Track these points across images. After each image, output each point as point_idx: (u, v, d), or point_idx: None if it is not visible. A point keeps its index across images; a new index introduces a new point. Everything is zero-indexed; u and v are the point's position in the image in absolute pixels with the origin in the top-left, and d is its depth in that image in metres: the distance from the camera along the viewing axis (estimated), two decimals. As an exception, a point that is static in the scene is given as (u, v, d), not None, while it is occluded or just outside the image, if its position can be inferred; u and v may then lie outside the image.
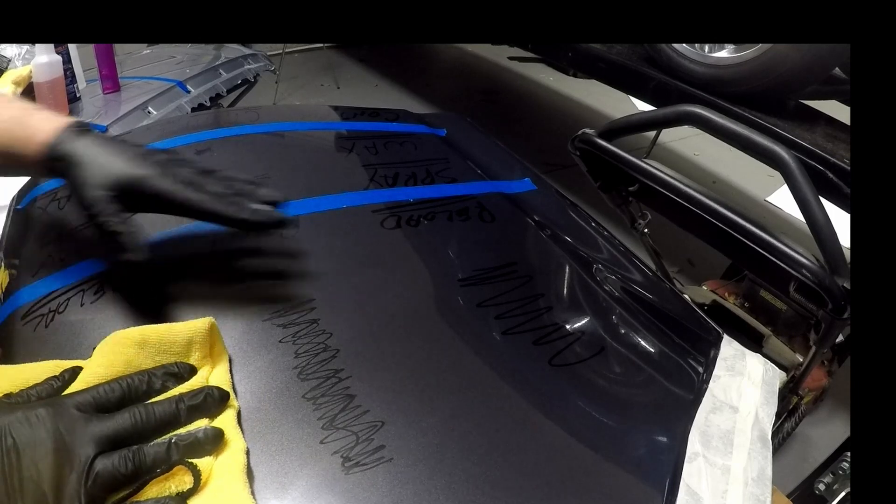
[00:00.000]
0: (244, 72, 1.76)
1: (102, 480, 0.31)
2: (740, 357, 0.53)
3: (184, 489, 0.32)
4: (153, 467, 0.32)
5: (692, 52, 1.24)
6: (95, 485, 0.31)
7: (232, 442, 0.35)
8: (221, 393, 0.37)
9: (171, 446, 0.33)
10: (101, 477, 0.31)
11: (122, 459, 0.32)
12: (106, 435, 0.33)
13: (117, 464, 0.32)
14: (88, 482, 0.31)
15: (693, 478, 0.39)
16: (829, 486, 0.64)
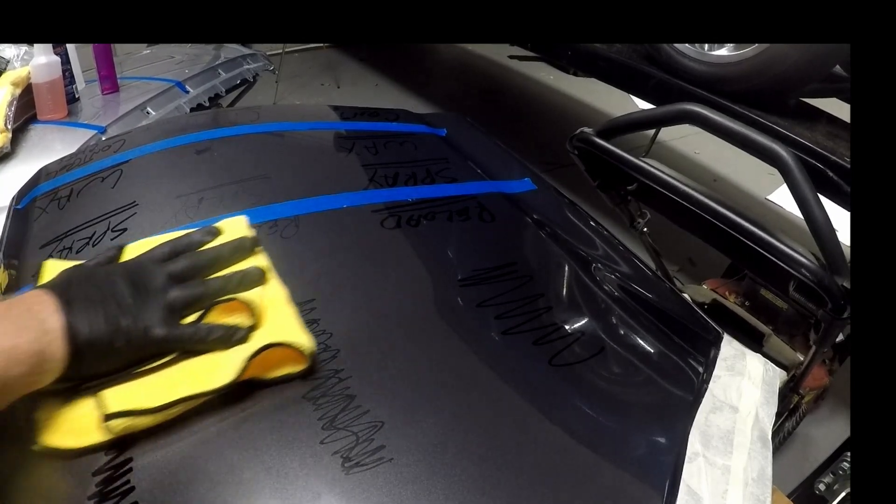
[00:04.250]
0: (243, 72, 1.76)
1: (174, 305, 0.40)
2: (740, 357, 0.53)
3: (246, 324, 0.40)
4: (214, 295, 0.42)
5: (692, 51, 1.24)
6: (171, 309, 0.40)
7: (271, 280, 0.43)
8: (252, 240, 0.46)
9: (225, 279, 0.43)
10: (174, 302, 0.41)
11: (188, 288, 0.42)
12: (173, 272, 0.42)
13: (185, 292, 0.41)
14: (164, 307, 0.40)
15: (693, 478, 0.39)
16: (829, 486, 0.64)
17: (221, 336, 0.40)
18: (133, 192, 0.64)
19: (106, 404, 0.37)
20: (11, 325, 0.36)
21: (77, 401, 0.38)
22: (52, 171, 0.74)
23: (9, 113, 1.12)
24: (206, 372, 0.39)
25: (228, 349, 0.39)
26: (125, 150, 0.74)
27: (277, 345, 0.39)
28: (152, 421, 0.37)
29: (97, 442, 0.36)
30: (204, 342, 0.40)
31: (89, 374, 0.39)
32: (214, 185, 0.64)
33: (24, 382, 0.36)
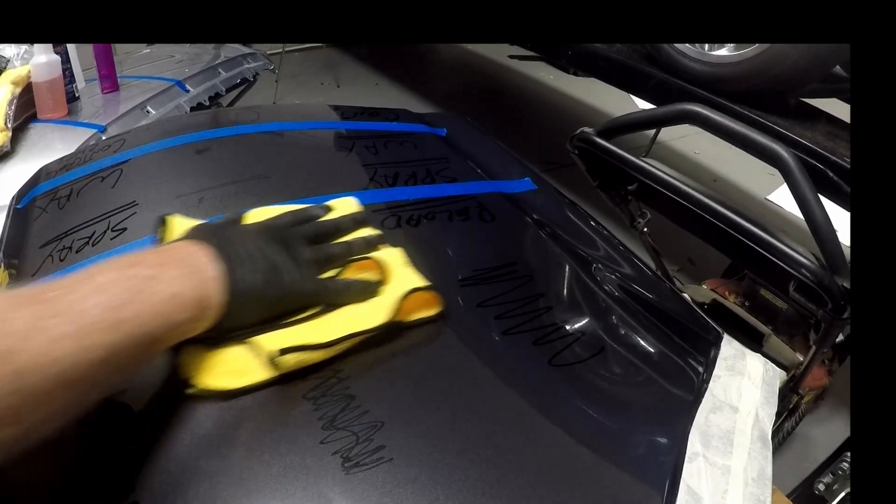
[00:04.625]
0: (243, 71, 1.76)
1: (316, 261, 0.45)
2: (740, 357, 0.53)
3: (375, 279, 0.45)
4: (345, 255, 0.47)
5: (692, 51, 1.24)
6: (312, 265, 0.44)
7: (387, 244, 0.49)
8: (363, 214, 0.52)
9: (352, 242, 0.48)
10: (316, 259, 0.45)
11: (320, 249, 0.46)
12: (306, 234, 0.47)
13: (323, 251, 0.46)
14: (308, 264, 0.44)
15: (693, 478, 0.39)
16: (829, 486, 0.64)
17: (360, 289, 0.45)
18: (133, 191, 0.64)
19: (268, 345, 0.39)
20: (174, 272, 0.37)
21: (226, 347, 0.40)
22: (52, 171, 0.74)
23: (9, 112, 1.12)
24: (357, 317, 0.43)
25: (365, 301, 0.44)
26: (125, 150, 0.74)
27: (415, 291, 0.45)
28: (321, 356, 0.40)
29: (256, 381, 0.39)
30: (345, 294, 0.44)
31: (237, 324, 0.41)
32: (214, 184, 0.64)
33: (185, 329, 0.38)
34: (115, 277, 0.36)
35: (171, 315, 0.36)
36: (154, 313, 0.35)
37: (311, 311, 0.43)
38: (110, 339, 0.33)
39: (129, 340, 0.34)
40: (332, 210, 0.51)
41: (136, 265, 0.37)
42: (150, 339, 0.36)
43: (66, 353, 0.31)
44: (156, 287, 0.36)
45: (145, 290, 0.36)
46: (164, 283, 0.37)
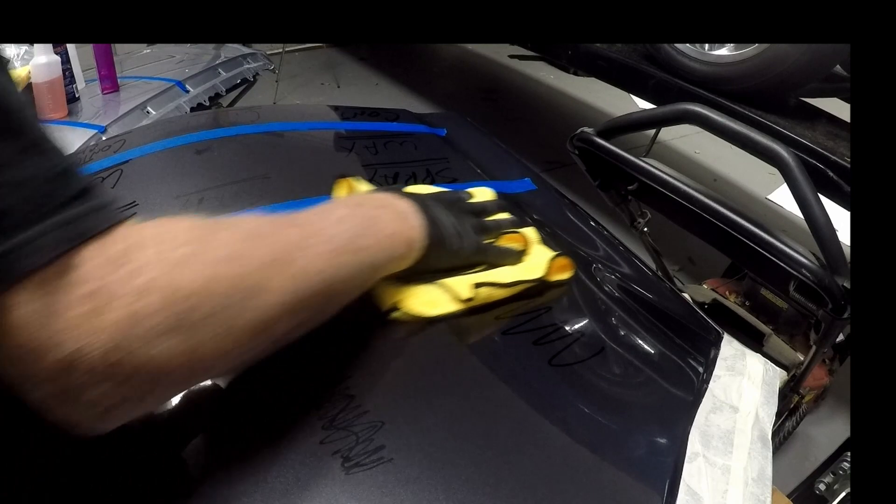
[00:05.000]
0: (243, 71, 1.76)
1: (483, 228, 0.53)
2: (740, 357, 0.53)
3: (520, 247, 0.54)
4: (496, 229, 0.54)
5: (692, 50, 1.24)
6: (475, 232, 0.51)
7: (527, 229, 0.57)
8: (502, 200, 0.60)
9: (499, 220, 0.56)
10: (484, 226, 0.53)
11: (481, 222, 0.54)
12: (469, 209, 0.54)
13: (480, 224, 0.53)
14: (477, 229, 0.52)
15: (693, 478, 0.39)
16: (829, 485, 0.64)
17: (513, 254, 0.53)
18: (133, 191, 0.64)
19: (456, 285, 0.48)
20: (390, 215, 0.45)
21: (421, 285, 0.48)
22: (52, 171, 0.74)
23: (9, 113, 1.12)
24: (517, 272, 0.52)
25: (516, 265, 0.53)
26: (125, 150, 0.74)
27: (556, 257, 0.54)
28: (503, 293, 0.50)
29: (445, 312, 0.47)
30: (504, 257, 0.52)
31: (428, 268, 0.48)
32: (214, 185, 0.64)
33: (396, 263, 0.45)
34: (349, 213, 0.42)
35: (391, 249, 0.43)
36: (381, 246, 0.42)
37: (478, 269, 0.52)
38: (353, 261, 0.40)
39: (365, 265, 0.41)
40: (473, 196, 0.59)
41: (362, 205, 0.45)
42: (376, 267, 0.43)
43: (325, 268, 0.37)
44: (380, 224, 0.43)
45: (372, 227, 0.42)
46: (384, 222, 0.43)
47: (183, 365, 0.29)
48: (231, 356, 0.32)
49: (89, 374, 0.27)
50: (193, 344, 0.29)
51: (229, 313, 0.31)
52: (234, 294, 0.31)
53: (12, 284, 0.26)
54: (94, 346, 0.26)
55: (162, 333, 0.28)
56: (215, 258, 0.31)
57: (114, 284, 0.27)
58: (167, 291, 0.28)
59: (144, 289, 0.28)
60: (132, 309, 0.27)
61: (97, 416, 0.29)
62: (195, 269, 0.30)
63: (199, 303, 0.29)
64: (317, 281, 0.36)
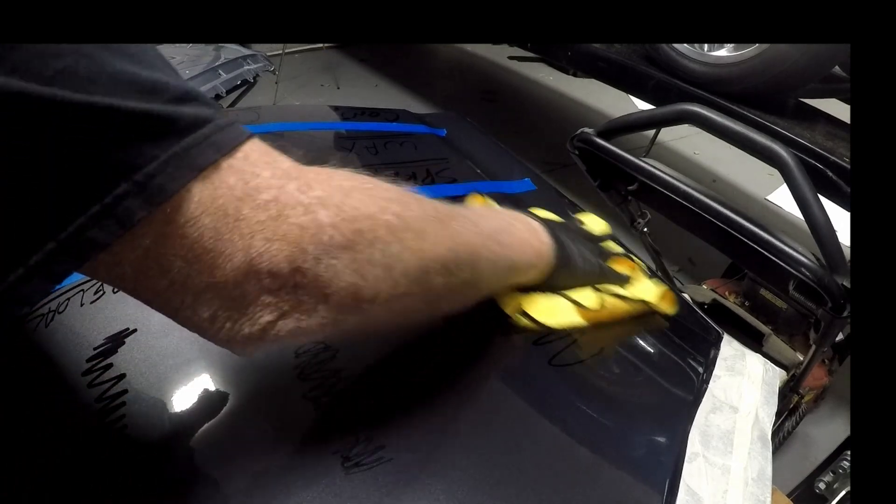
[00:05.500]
0: (244, 72, 1.76)
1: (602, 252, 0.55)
2: (740, 357, 0.53)
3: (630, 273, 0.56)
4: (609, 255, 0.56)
5: (691, 51, 1.24)
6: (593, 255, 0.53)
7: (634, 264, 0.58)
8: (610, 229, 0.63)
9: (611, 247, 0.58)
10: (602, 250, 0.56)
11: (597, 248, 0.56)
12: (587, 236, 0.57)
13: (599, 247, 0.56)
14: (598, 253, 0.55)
15: (693, 478, 0.39)
16: (829, 485, 0.64)
17: (624, 277, 0.55)
18: (133, 192, 0.64)
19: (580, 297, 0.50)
20: (524, 226, 0.46)
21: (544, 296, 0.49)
22: (53, 172, 0.74)
23: (9, 113, 1.12)
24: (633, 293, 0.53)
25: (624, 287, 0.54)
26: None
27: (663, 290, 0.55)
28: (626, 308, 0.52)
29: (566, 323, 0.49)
30: (620, 281, 0.54)
31: (553, 284, 0.49)
32: (214, 185, 0.64)
33: (528, 272, 0.46)
34: (490, 214, 0.46)
35: (526, 254, 0.44)
36: (519, 247, 0.44)
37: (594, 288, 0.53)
38: (497, 251, 0.41)
39: (504, 260, 0.42)
40: (584, 223, 0.62)
41: (499, 213, 0.48)
42: (514, 268, 0.44)
43: (476, 245, 0.38)
44: (516, 230, 0.45)
45: (510, 230, 0.44)
46: (519, 230, 0.45)
47: (347, 288, 0.29)
48: (392, 297, 0.32)
49: (271, 277, 0.27)
50: (359, 268, 0.29)
51: (394, 249, 0.31)
52: (399, 231, 0.31)
53: (189, 181, 0.25)
54: (279, 250, 0.26)
55: (333, 248, 0.28)
56: (383, 196, 0.31)
57: (289, 194, 0.27)
58: (338, 211, 0.28)
59: (318, 202, 0.28)
60: (308, 219, 0.27)
61: (261, 330, 0.28)
62: (363, 199, 0.30)
63: (368, 228, 0.29)
64: (469, 251, 0.37)
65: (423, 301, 0.35)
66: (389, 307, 0.33)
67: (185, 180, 0.25)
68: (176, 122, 0.25)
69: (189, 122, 0.25)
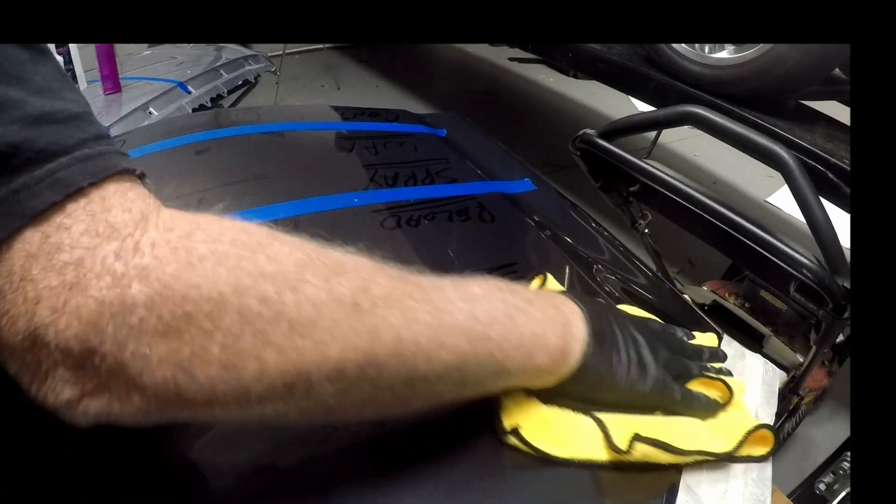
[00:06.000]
0: (245, 72, 1.76)
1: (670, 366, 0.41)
2: (740, 357, 0.53)
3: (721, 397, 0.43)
4: (697, 373, 0.43)
5: (692, 53, 1.24)
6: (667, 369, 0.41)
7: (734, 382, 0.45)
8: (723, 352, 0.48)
9: (704, 364, 0.45)
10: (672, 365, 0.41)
11: (681, 361, 0.43)
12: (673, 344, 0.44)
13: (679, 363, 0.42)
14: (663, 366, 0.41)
15: (693, 478, 0.39)
16: (829, 485, 0.64)
17: (707, 404, 0.41)
18: (134, 191, 0.64)
19: (615, 427, 0.38)
20: (544, 314, 0.35)
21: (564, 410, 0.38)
22: (53, 171, 0.74)
23: (10, 113, 1.12)
24: (703, 435, 0.40)
25: (704, 421, 0.41)
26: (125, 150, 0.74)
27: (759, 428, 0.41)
28: (667, 459, 0.38)
29: (582, 458, 0.37)
30: (694, 406, 0.41)
31: (577, 394, 0.38)
32: (214, 185, 0.64)
33: (534, 375, 0.35)
34: (488, 294, 0.34)
35: (530, 353, 0.34)
36: (516, 344, 0.33)
37: (651, 413, 0.40)
38: (464, 348, 0.30)
39: (481, 360, 0.31)
40: (695, 337, 0.50)
41: (510, 292, 0.35)
42: (498, 369, 0.33)
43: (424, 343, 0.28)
44: (523, 319, 0.34)
45: (513, 318, 0.33)
46: (532, 319, 0.34)
47: (165, 385, 0.23)
48: (239, 399, 0.24)
49: (61, 353, 0.22)
50: (182, 362, 0.23)
51: (245, 344, 0.24)
52: (261, 320, 0.24)
53: (10, 234, 0.21)
54: (67, 326, 0.22)
55: (144, 334, 0.22)
56: (255, 270, 0.24)
57: (99, 258, 0.22)
58: (163, 287, 0.22)
59: (139, 273, 0.22)
60: (114, 294, 0.22)
61: (65, 404, 0.23)
62: (216, 272, 0.23)
63: (204, 314, 0.23)
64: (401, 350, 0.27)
65: (306, 407, 0.26)
66: (245, 412, 0.25)
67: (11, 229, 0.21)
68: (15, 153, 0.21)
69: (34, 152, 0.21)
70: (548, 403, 0.38)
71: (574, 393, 0.38)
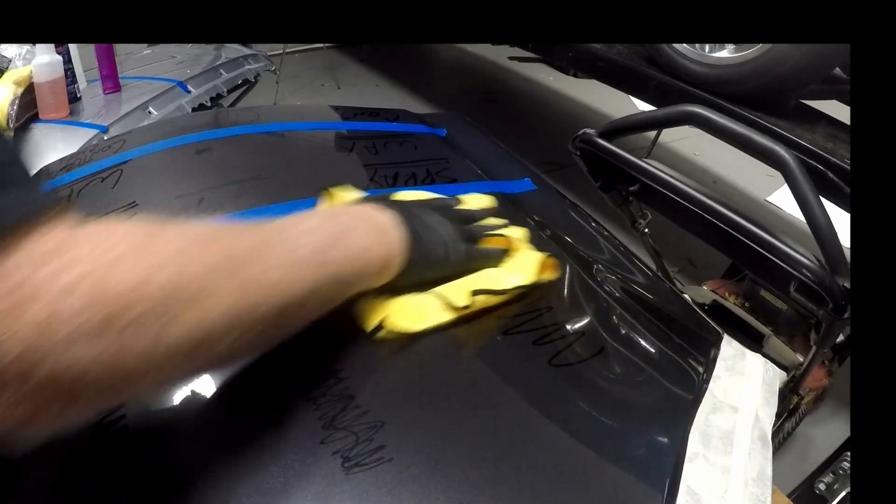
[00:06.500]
0: (244, 72, 1.76)
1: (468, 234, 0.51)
2: (740, 357, 0.53)
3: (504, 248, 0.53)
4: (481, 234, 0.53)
5: (692, 52, 1.24)
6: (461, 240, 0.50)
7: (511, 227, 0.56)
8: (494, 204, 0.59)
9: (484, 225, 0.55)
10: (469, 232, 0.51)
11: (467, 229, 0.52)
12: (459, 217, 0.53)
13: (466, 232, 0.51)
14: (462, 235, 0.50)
15: (693, 478, 0.39)
16: (829, 485, 0.64)
17: (497, 255, 0.52)
18: (133, 192, 0.64)
19: (449, 293, 0.47)
20: (365, 228, 0.43)
21: (406, 297, 0.46)
22: (53, 171, 0.74)
23: (11, 112, 1.12)
24: (507, 275, 0.51)
25: (501, 266, 0.52)
26: (125, 150, 0.74)
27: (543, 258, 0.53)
28: (499, 300, 0.49)
29: (437, 324, 0.45)
30: (487, 260, 0.51)
31: (409, 282, 0.46)
32: (214, 185, 0.64)
33: (369, 280, 0.43)
34: (319, 225, 0.40)
35: (363, 264, 0.41)
36: (351, 260, 0.40)
37: (462, 277, 0.49)
38: (316, 273, 0.37)
39: (329, 281, 0.38)
40: (463, 202, 0.57)
41: (335, 217, 0.43)
42: (343, 282, 0.40)
43: (282, 279, 0.35)
44: (351, 238, 0.41)
45: (343, 240, 0.41)
46: (358, 235, 0.42)
47: (105, 375, 0.27)
48: (163, 370, 0.29)
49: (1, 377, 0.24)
50: (118, 352, 0.26)
51: (162, 321, 0.28)
52: (168, 300, 0.28)
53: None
54: (7, 347, 0.24)
55: (83, 337, 0.25)
56: (150, 262, 0.28)
57: (39, 280, 0.25)
58: (93, 291, 0.26)
59: (70, 286, 0.25)
60: (54, 308, 0.25)
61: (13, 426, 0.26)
62: (126, 270, 0.27)
63: (128, 306, 0.26)
64: (270, 293, 0.34)
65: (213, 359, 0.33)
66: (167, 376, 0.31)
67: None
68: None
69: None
70: (395, 296, 0.46)
71: (409, 280, 0.46)
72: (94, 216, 0.29)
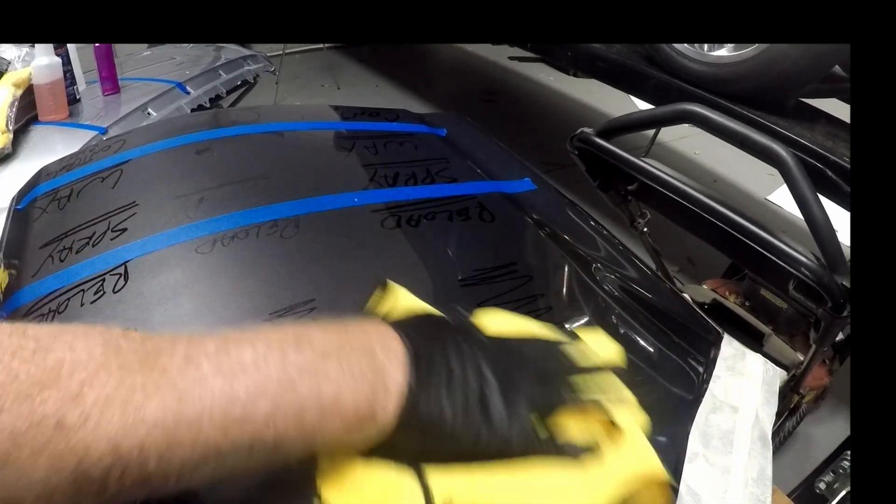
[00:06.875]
0: (244, 73, 1.76)
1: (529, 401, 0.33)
2: (740, 357, 0.53)
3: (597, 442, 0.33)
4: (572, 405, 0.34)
5: (691, 51, 1.24)
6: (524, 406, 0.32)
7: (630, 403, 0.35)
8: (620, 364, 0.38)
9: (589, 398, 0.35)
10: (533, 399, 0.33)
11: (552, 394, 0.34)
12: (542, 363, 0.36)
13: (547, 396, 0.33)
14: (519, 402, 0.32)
15: (693, 478, 0.39)
16: (829, 484, 0.64)
17: (574, 451, 0.33)
18: (133, 192, 0.64)
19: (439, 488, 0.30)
20: (344, 369, 0.29)
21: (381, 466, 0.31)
22: (53, 172, 0.74)
23: (10, 114, 1.13)
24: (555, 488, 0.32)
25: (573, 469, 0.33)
26: (125, 151, 0.74)
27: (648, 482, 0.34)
28: None
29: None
30: (556, 451, 0.33)
31: (407, 449, 0.31)
32: (214, 185, 0.64)
33: (334, 443, 0.29)
34: (262, 358, 0.28)
35: (315, 426, 0.28)
36: (292, 420, 0.27)
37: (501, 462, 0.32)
38: (214, 438, 0.26)
39: (242, 445, 0.26)
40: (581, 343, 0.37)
41: (299, 348, 0.29)
42: (271, 449, 0.27)
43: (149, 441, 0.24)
44: (308, 383, 0.28)
45: (292, 385, 0.28)
46: (323, 380, 0.28)
47: None
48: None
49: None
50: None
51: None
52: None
53: None
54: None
55: None
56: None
57: None
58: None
59: None
60: None
61: None
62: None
63: None
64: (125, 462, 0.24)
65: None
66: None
67: None
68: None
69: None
70: (370, 458, 0.31)
71: (399, 446, 0.30)
72: None
